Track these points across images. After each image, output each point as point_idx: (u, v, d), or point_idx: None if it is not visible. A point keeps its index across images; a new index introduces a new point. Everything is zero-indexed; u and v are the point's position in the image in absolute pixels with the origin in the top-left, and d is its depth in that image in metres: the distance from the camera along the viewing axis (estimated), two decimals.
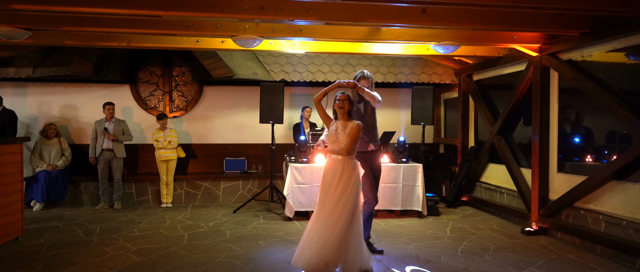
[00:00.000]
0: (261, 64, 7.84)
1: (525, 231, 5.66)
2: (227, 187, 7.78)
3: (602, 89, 4.86)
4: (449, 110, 8.93)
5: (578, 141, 5.65)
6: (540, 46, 5.64)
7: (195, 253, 4.73)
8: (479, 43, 5.72)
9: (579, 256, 4.75)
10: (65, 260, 4.47)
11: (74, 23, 4.76)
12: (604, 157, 5.27)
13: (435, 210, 6.72)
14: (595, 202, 5.00)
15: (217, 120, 8.33)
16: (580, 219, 5.15)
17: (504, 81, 6.95)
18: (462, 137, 7.85)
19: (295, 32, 5.23)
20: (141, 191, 7.60)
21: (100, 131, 7.17)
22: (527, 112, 6.18)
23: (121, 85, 7.99)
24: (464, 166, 7.49)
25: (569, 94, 5.57)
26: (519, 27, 4.95)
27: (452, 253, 4.81)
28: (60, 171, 7.12)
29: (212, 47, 6.01)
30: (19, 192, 5.11)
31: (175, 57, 8.11)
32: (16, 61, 7.20)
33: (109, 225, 6.01)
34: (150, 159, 7.71)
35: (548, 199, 5.68)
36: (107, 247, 4.94)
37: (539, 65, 5.72)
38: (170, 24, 4.97)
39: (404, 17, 4.57)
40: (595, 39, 4.88)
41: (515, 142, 6.66)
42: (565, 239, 5.32)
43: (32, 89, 7.74)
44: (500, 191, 6.81)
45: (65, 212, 6.82)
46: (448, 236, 5.52)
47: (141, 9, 4.15)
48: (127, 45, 5.74)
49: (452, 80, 8.29)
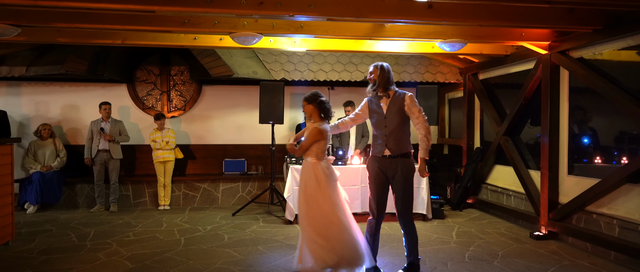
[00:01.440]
0: (261, 62, 7.65)
1: (534, 235, 5.45)
2: (227, 189, 7.59)
3: (616, 87, 4.65)
4: (454, 110, 8.74)
5: (587, 141, 5.45)
6: (549, 44, 5.44)
7: (191, 259, 4.54)
8: (486, 40, 5.52)
9: (592, 262, 4.55)
10: (55, 266, 4.29)
11: (65, 19, 4.58)
12: (614, 158, 5.08)
13: (440, 213, 6.53)
14: (608, 206, 4.80)
15: (216, 120, 8.15)
16: (592, 224, 4.94)
17: (511, 80, 6.75)
18: (468, 138, 7.65)
19: (296, 28, 5.04)
20: (138, 193, 7.43)
21: (96, 132, 7.00)
22: (535, 112, 5.99)
23: (118, 85, 7.81)
24: (470, 168, 7.30)
25: (579, 93, 5.37)
26: (529, 24, 4.77)
27: (459, 259, 4.62)
28: (55, 173, 6.95)
29: (210, 45, 5.82)
30: (9, 195, 4.93)
31: (174, 56, 7.94)
32: (9, 60, 7.01)
33: (103, 229, 5.83)
34: (147, 160, 7.53)
35: (558, 203, 5.47)
36: (100, 252, 4.76)
37: (548, 64, 5.51)
38: (165, 20, 4.78)
39: (409, 13, 4.38)
40: (609, 35, 4.68)
41: (523, 143, 6.46)
42: (577, 244, 5.12)
43: (27, 89, 7.56)
44: (508, 194, 6.60)
45: (59, 215, 6.64)
46: (454, 241, 5.33)
47: (134, 4, 3.98)
48: (122, 42, 5.56)
49: (457, 80, 8.09)
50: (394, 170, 3.94)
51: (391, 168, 3.95)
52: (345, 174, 6.20)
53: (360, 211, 6.24)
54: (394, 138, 3.95)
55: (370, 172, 4.07)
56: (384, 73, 3.98)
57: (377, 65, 4.02)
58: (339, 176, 4.14)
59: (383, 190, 4.03)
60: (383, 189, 4.02)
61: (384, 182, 4.01)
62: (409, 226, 3.99)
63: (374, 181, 4.03)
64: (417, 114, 3.93)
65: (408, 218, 3.98)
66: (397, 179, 3.94)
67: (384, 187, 4.02)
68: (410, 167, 3.96)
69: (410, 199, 3.99)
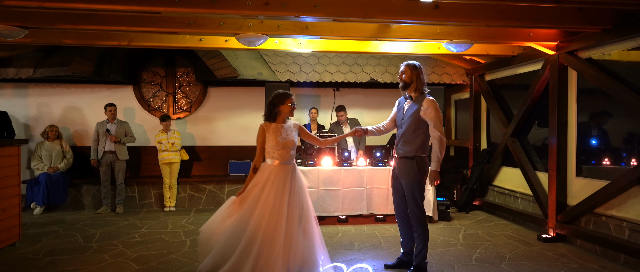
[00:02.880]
0: (266, 64, 7.63)
1: (542, 237, 5.39)
2: (232, 191, 7.57)
3: (626, 88, 4.59)
4: (460, 112, 8.68)
5: (596, 143, 5.38)
6: (557, 44, 5.38)
7: (196, 260, 4.50)
8: (493, 41, 5.47)
9: (601, 265, 4.49)
10: (60, 268, 4.29)
11: (71, 21, 4.59)
12: (623, 160, 5.01)
13: (447, 215, 6.48)
14: (618, 208, 4.74)
15: (222, 121, 8.14)
16: (601, 226, 4.88)
17: (518, 81, 6.69)
18: (474, 139, 7.60)
19: (301, 29, 5.02)
20: (144, 195, 7.43)
21: (102, 133, 7.01)
22: (542, 113, 5.93)
23: (124, 86, 7.83)
24: (476, 169, 7.24)
25: (587, 94, 5.31)
26: (537, 24, 4.72)
27: (466, 261, 4.57)
28: (61, 174, 6.96)
29: (216, 47, 5.82)
30: (16, 197, 4.93)
31: (179, 57, 7.94)
32: (16, 61, 7.05)
33: (109, 230, 5.83)
34: (153, 161, 7.54)
35: (566, 205, 5.41)
36: (105, 253, 4.75)
37: (556, 64, 5.46)
38: (171, 22, 4.78)
39: (415, 13, 4.35)
40: (618, 35, 4.62)
41: (530, 144, 6.40)
42: (586, 247, 5.06)
43: (33, 90, 7.60)
44: (515, 196, 6.54)
45: (66, 216, 6.65)
46: (461, 243, 5.28)
47: (139, 5, 3.97)
48: (128, 44, 5.56)
49: (463, 81, 8.03)
50: (401, 172, 4.02)
51: (399, 170, 4.06)
52: (351, 175, 6.17)
53: (366, 212, 6.20)
54: (404, 140, 3.98)
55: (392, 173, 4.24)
56: (409, 74, 3.99)
57: (409, 64, 4.01)
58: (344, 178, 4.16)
59: (395, 190, 4.17)
60: (395, 189, 4.17)
61: (395, 183, 4.16)
62: (418, 228, 3.99)
63: (391, 181, 4.23)
64: (432, 123, 3.91)
65: (415, 219, 3.98)
66: (403, 181, 4.00)
67: (395, 187, 4.17)
68: (414, 169, 3.94)
69: (416, 200, 3.97)
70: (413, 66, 4.00)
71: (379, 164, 6.30)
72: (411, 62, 4.04)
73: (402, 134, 4.03)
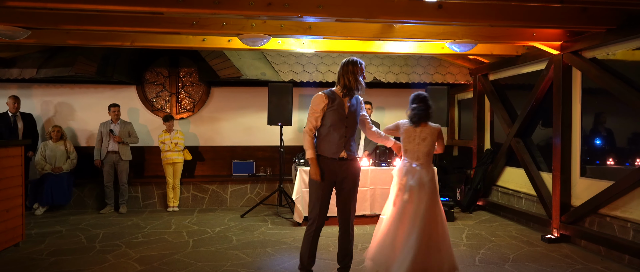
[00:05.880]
0: (269, 64, 7.63)
1: (546, 238, 5.37)
2: (235, 191, 7.58)
3: (630, 88, 4.56)
4: (464, 112, 8.65)
5: (600, 143, 5.35)
6: (562, 44, 5.36)
7: (199, 261, 4.52)
8: (497, 41, 5.45)
9: (606, 266, 4.46)
10: (64, 268, 4.30)
11: (75, 21, 4.60)
12: (628, 160, 4.98)
13: (450, 215, 6.46)
14: (622, 209, 4.71)
15: (225, 122, 8.14)
16: (606, 227, 4.85)
17: (522, 81, 6.66)
18: (478, 140, 7.58)
19: (304, 29, 5.01)
20: (147, 195, 7.44)
21: (105, 133, 7.02)
22: (546, 113, 5.90)
23: (127, 86, 7.84)
24: (480, 169, 7.22)
25: (590, 94, 5.28)
26: (541, 24, 4.69)
27: (470, 262, 4.55)
28: (65, 174, 6.97)
29: (219, 47, 5.82)
30: (20, 197, 4.95)
31: (182, 58, 7.95)
32: (20, 62, 7.07)
33: (113, 230, 5.84)
34: (156, 161, 7.55)
35: (570, 205, 5.38)
36: (108, 254, 4.76)
37: (560, 64, 5.43)
38: (174, 22, 4.78)
39: (418, 13, 4.33)
40: (623, 35, 4.59)
41: (534, 144, 6.37)
42: (590, 247, 5.03)
43: (37, 91, 7.62)
44: (519, 196, 6.51)
45: (69, 217, 6.67)
46: (464, 243, 5.26)
47: (142, 6, 3.97)
48: (131, 44, 5.57)
49: (467, 81, 8.01)
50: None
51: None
52: None
53: (369, 213, 6.19)
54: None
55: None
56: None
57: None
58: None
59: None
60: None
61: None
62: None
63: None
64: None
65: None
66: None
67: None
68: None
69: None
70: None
71: (382, 164, 6.29)
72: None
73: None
